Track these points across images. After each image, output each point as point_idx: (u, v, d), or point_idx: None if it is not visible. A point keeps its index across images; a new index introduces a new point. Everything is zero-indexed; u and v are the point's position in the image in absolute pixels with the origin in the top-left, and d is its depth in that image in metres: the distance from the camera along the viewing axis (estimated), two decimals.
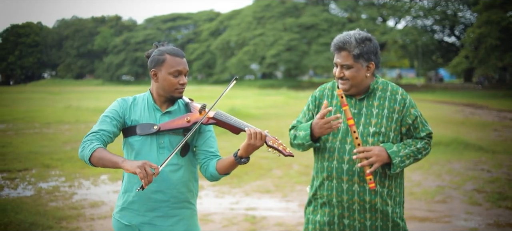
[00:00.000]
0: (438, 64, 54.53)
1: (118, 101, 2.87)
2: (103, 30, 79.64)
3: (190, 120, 2.81)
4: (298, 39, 48.13)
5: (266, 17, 53.00)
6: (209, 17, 75.71)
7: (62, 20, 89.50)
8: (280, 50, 48.30)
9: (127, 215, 2.84)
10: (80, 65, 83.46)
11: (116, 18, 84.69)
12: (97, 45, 78.61)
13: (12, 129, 15.90)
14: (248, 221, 6.25)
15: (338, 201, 2.95)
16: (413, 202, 7.03)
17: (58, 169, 9.28)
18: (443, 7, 47.27)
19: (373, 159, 2.82)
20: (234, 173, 8.67)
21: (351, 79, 2.91)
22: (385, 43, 46.26)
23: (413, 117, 2.98)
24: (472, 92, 37.41)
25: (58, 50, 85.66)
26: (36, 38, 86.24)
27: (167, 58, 2.82)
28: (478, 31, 33.59)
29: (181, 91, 2.84)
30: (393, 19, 50.21)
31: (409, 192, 7.51)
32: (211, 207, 6.92)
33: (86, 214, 6.49)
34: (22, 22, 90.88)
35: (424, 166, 9.30)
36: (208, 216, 6.47)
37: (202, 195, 7.55)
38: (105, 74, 75.63)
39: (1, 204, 6.52)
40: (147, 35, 73.85)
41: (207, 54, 65.04)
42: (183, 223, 2.88)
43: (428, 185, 8.03)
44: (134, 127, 2.81)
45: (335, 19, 47.14)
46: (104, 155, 2.60)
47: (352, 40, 2.91)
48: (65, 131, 15.15)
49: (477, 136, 13.57)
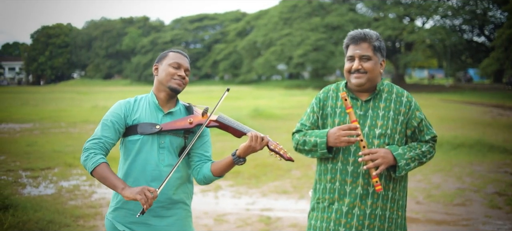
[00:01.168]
0: (467, 65, 53.71)
1: (120, 103, 2.89)
2: (131, 30, 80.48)
3: (193, 121, 2.84)
4: (325, 39, 47.92)
5: (293, 18, 52.92)
6: (236, 18, 75.94)
7: (91, 21, 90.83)
8: (307, 50, 48.15)
9: (121, 214, 2.85)
10: (109, 66, 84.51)
11: (144, 19, 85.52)
12: (125, 46, 79.47)
13: (39, 128, 16.20)
14: (263, 222, 6.24)
15: (339, 204, 2.92)
16: (431, 205, 6.94)
17: (80, 168, 9.41)
18: (472, 7, 46.48)
19: (379, 161, 2.78)
20: (252, 173, 8.73)
21: (369, 72, 2.88)
22: (412, 43, 45.73)
23: (418, 119, 2.95)
24: (502, 93, 36.68)
25: (87, 50, 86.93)
26: (66, 39, 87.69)
27: (169, 54, 2.94)
28: (508, 32, 32.97)
29: (178, 84, 2.87)
30: (420, 19, 49.59)
31: (428, 195, 7.41)
32: (227, 208, 6.94)
33: (103, 213, 6.56)
34: (52, 24, 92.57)
35: (445, 167, 9.17)
36: (223, 216, 6.50)
37: (219, 195, 7.58)
38: (133, 74, 76.40)
39: (22, 202, 6.64)
40: (175, 36, 74.45)
41: (234, 54, 65.21)
42: (178, 224, 2.90)
43: (448, 187, 7.91)
44: (135, 126, 2.83)
45: (360, 19, 46.73)
46: (106, 175, 2.64)
47: (372, 33, 2.93)
48: (90, 131, 15.35)
49: (504, 137, 13.30)
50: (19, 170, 9.44)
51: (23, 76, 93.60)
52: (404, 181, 3.01)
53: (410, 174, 8.80)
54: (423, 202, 7.08)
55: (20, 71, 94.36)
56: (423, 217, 6.38)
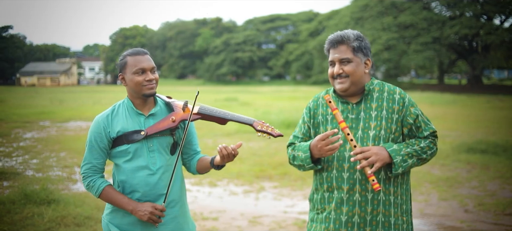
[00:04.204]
0: None
1: (98, 121, 2.84)
2: (204, 31, 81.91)
3: (175, 119, 2.81)
4: (396, 39, 46.70)
5: (365, 17, 51.91)
6: (308, 18, 75.68)
7: (167, 22, 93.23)
8: (378, 49, 47.07)
9: (119, 216, 2.84)
10: (182, 66, 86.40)
11: (217, 20, 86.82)
12: (198, 46, 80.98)
13: None
14: (297, 225, 6.10)
15: (337, 213, 2.75)
16: (480, 214, 6.53)
17: None
18: None
19: (373, 158, 2.61)
20: (299, 175, 8.57)
21: (351, 75, 2.74)
22: (490, 43, 43.67)
23: (414, 115, 2.75)
24: None
25: (162, 51, 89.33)
26: (142, 40, 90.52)
27: (128, 60, 2.83)
28: None
29: (150, 88, 2.81)
30: (499, 17, 47.20)
31: (479, 202, 6.99)
32: (265, 209, 6.84)
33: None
34: (129, 26, 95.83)
35: (505, 174, 8.64)
36: (258, 218, 6.41)
37: (260, 197, 7.51)
38: (206, 74, 77.72)
39: (66, 197, 6.83)
40: (247, 36, 75.12)
41: (306, 55, 64.99)
42: (175, 222, 2.88)
43: (503, 195, 7.43)
44: (120, 137, 2.80)
45: (435, 18, 45.07)
46: (112, 198, 2.78)
47: (350, 34, 2.78)
48: None
49: None
50: (75, 166, 9.76)
51: (102, 76, 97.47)
52: (406, 183, 2.82)
53: (464, 179, 8.36)
54: (472, 211, 6.67)
55: (99, 71, 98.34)
56: (467, 227, 6.01)
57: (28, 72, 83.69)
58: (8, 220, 5.91)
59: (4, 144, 12.89)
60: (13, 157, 10.89)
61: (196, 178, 8.70)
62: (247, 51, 73.23)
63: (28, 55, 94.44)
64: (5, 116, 20.25)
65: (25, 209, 6.27)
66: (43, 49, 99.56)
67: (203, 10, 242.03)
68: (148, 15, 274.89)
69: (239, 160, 10.06)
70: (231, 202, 7.25)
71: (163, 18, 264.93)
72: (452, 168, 9.35)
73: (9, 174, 8.93)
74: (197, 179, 8.65)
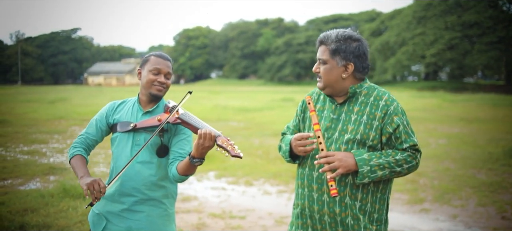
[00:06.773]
0: None
1: (107, 105, 3.11)
2: (266, 32, 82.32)
3: (161, 119, 2.92)
4: (460, 38, 45.30)
5: (427, 16, 50.70)
6: (370, 17, 74.65)
7: (229, 23, 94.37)
8: (440, 49, 45.85)
9: (101, 203, 2.98)
10: (244, 66, 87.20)
11: (278, 20, 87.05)
12: (260, 47, 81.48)
13: None
14: None
15: (310, 211, 2.75)
16: (503, 223, 6.27)
17: None
18: None
19: (336, 164, 2.55)
20: None
21: (323, 76, 2.70)
22: None
23: (394, 125, 2.62)
24: None
25: (224, 51, 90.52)
26: (205, 41, 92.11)
27: (150, 59, 3.02)
28: None
29: (159, 90, 2.96)
30: None
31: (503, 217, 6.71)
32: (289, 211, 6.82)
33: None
34: (192, 26, 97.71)
35: None
36: (285, 218, 6.43)
37: (293, 197, 7.49)
38: (267, 74, 78.07)
39: None
40: (309, 37, 74.82)
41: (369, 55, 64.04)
42: (149, 221, 2.93)
43: None
44: (115, 124, 3.02)
45: (501, 16, 43.40)
46: (75, 164, 2.86)
47: (332, 35, 2.71)
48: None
49: None
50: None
51: None
52: (381, 192, 2.71)
53: (510, 184, 8.04)
54: (509, 218, 6.42)
55: None
56: None
57: (95, 72, 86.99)
58: (44, 212, 6.20)
59: (59, 141, 13.47)
60: (64, 153, 11.35)
61: (234, 177, 8.80)
62: (309, 52, 72.94)
63: (96, 55, 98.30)
64: (66, 114, 21.14)
65: (62, 202, 6.56)
66: (109, 50, 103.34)
67: (265, 11, 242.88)
68: (211, 15, 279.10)
69: (278, 159, 10.09)
70: (263, 202, 7.30)
71: (226, 18, 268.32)
72: (499, 173, 9.01)
73: (57, 169, 9.33)
74: (234, 177, 8.75)
